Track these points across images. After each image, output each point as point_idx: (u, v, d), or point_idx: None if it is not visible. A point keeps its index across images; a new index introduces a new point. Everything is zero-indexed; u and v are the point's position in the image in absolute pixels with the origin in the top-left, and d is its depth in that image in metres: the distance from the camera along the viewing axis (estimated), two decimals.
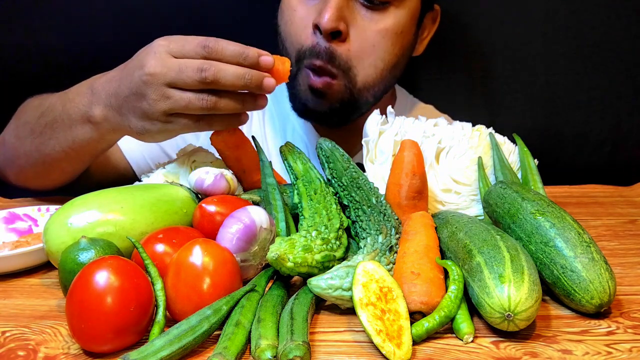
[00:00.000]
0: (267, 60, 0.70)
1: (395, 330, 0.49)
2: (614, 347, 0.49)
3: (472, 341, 0.51)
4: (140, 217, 0.64)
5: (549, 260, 0.56)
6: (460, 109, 1.13)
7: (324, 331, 0.53)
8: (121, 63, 0.75)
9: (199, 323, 0.50)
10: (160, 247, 0.58)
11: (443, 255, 0.60)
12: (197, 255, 0.53)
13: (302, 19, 0.90)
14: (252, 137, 0.77)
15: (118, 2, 1.12)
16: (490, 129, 0.82)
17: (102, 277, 0.49)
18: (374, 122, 0.79)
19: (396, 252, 0.60)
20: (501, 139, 0.81)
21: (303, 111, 0.95)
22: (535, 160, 0.80)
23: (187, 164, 0.81)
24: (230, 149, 0.78)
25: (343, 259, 0.61)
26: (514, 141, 0.83)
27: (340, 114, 0.93)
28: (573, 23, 1.13)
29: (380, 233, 0.61)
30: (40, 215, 0.78)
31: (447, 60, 1.18)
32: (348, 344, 0.51)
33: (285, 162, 0.72)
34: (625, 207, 0.88)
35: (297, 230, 0.65)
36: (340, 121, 0.95)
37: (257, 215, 0.60)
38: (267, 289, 0.58)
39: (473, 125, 0.81)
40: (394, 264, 0.58)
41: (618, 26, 1.13)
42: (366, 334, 0.49)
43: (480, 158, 0.77)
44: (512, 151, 0.81)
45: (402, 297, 0.52)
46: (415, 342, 0.50)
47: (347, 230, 0.66)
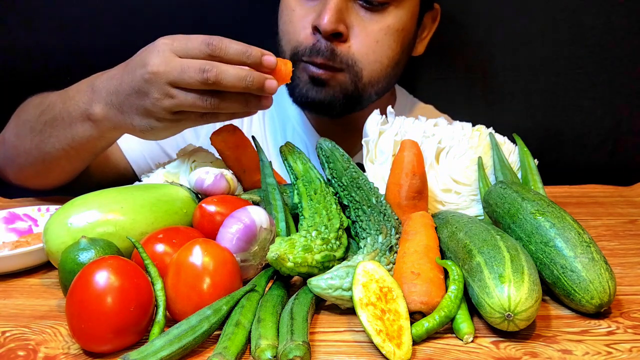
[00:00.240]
0: (270, 60, 0.70)
1: (395, 330, 0.49)
2: (614, 347, 0.49)
3: (472, 341, 0.51)
4: (140, 217, 0.64)
5: (549, 260, 0.56)
6: (460, 109, 1.13)
7: (324, 331, 0.53)
8: (121, 63, 0.75)
9: (199, 323, 0.50)
10: (160, 247, 0.58)
11: (443, 255, 0.60)
12: (197, 255, 0.53)
13: (300, 18, 0.90)
14: (252, 137, 0.77)
15: (118, 2, 1.12)
16: (490, 129, 0.82)
17: (102, 277, 0.49)
18: (374, 122, 0.79)
19: (396, 252, 0.60)
20: (501, 139, 0.81)
21: (302, 101, 0.93)
22: (535, 160, 0.80)
23: (187, 164, 0.81)
24: (230, 149, 0.78)
25: (343, 259, 0.61)
26: (514, 141, 0.83)
27: (342, 105, 0.92)
28: (573, 23, 1.13)
29: (380, 233, 0.61)
30: (40, 215, 0.78)
31: (447, 60, 1.18)
32: (348, 344, 0.51)
33: (285, 162, 0.72)
34: (625, 207, 0.88)
35: (297, 230, 0.65)
36: (341, 112, 0.93)
37: (257, 215, 0.60)
38: (267, 289, 0.58)
39: (473, 125, 0.81)
40: (394, 264, 0.58)
41: (618, 26, 1.13)
42: (366, 334, 0.49)
43: (480, 158, 0.77)
44: (512, 151, 0.81)
45: (402, 297, 0.52)
46: (415, 342, 0.50)
47: (347, 230, 0.66)
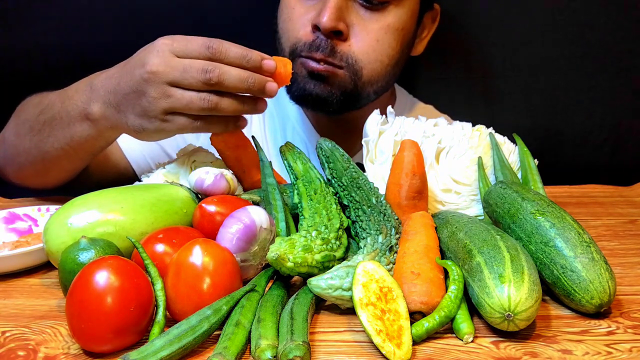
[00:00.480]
0: (270, 64, 0.71)
1: (395, 330, 0.49)
2: (614, 347, 0.49)
3: (472, 341, 0.51)
4: (140, 217, 0.64)
5: (549, 260, 0.56)
6: (460, 109, 1.13)
7: (324, 331, 0.53)
8: (120, 62, 0.75)
9: (199, 323, 0.50)
10: (160, 247, 0.58)
11: (443, 255, 0.60)
12: (197, 255, 0.53)
13: (300, 16, 0.90)
14: (252, 137, 0.77)
15: (118, 2, 1.12)
16: (490, 129, 0.82)
17: (102, 277, 0.49)
18: (374, 122, 0.79)
19: (396, 252, 0.60)
20: (501, 139, 0.81)
21: (300, 96, 0.92)
22: (535, 160, 0.80)
23: (187, 164, 0.81)
24: (230, 149, 0.78)
25: (343, 259, 0.61)
26: (514, 141, 0.83)
27: (340, 103, 0.91)
28: (573, 23, 1.13)
29: (380, 233, 0.61)
30: (40, 215, 0.78)
31: (447, 60, 1.18)
32: (348, 344, 0.51)
33: (285, 162, 0.72)
34: (625, 207, 0.88)
35: (297, 230, 0.65)
36: (338, 109, 0.93)
37: (257, 215, 0.60)
38: (267, 289, 0.58)
39: (473, 125, 0.81)
40: (394, 264, 0.58)
41: (618, 26, 1.13)
42: (366, 334, 0.49)
43: (480, 158, 0.77)
44: (512, 151, 0.81)
45: (402, 297, 0.52)
46: (415, 342, 0.50)
47: (347, 230, 0.66)
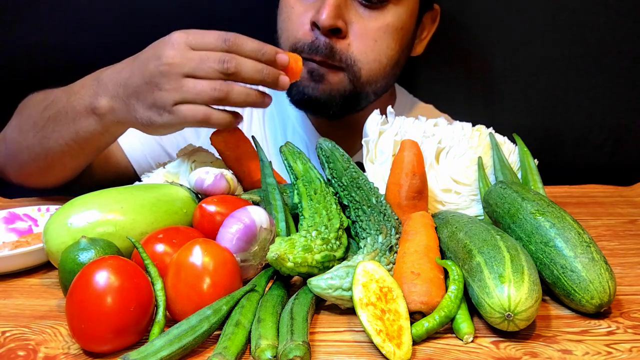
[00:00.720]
0: (284, 58, 0.73)
1: (395, 330, 0.49)
2: (614, 347, 0.49)
3: (472, 341, 0.51)
4: (140, 217, 0.64)
5: (549, 260, 0.56)
6: (460, 109, 1.13)
7: (324, 331, 0.53)
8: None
9: (199, 323, 0.50)
10: (160, 247, 0.58)
11: (443, 255, 0.60)
12: (197, 255, 0.53)
13: (299, 15, 0.90)
14: (252, 137, 0.77)
15: (118, 2, 1.12)
16: (490, 129, 0.82)
17: (102, 277, 0.49)
18: (374, 122, 0.79)
19: (396, 252, 0.60)
20: (501, 139, 0.81)
21: (300, 99, 0.92)
22: (535, 160, 0.80)
23: (187, 164, 0.81)
24: (230, 149, 0.78)
25: (343, 259, 0.61)
26: (514, 141, 0.83)
27: (339, 107, 0.92)
28: (573, 23, 1.13)
29: (380, 233, 0.61)
30: (40, 215, 0.78)
31: (447, 60, 1.18)
32: (348, 344, 0.51)
33: (285, 162, 0.72)
34: (625, 207, 0.88)
35: (297, 230, 0.65)
36: (338, 113, 0.93)
37: (257, 215, 0.60)
38: (267, 289, 0.58)
39: (473, 125, 0.81)
40: (394, 264, 0.58)
41: (618, 26, 1.13)
42: (366, 334, 0.49)
43: (480, 158, 0.77)
44: (512, 151, 0.81)
45: (402, 297, 0.52)
46: (415, 342, 0.50)
47: (347, 230, 0.66)
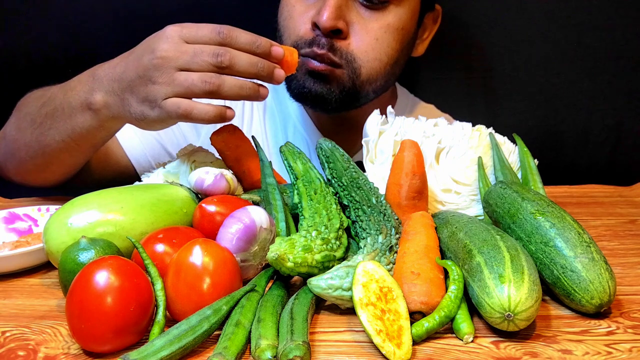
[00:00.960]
0: (278, 50, 0.72)
1: (395, 330, 0.49)
2: (614, 347, 0.49)
3: (472, 341, 0.51)
4: (140, 217, 0.64)
5: (549, 260, 0.56)
6: (460, 109, 1.13)
7: (324, 331, 0.53)
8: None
9: (199, 323, 0.50)
10: (160, 247, 0.58)
11: (443, 255, 0.60)
12: (197, 255, 0.53)
13: (300, 14, 0.90)
14: (252, 137, 0.77)
15: (118, 2, 1.12)
16: (490, 129, 0.82)
17: (102, 277, 0.49)
18: (374, 122, 0.79)
19: (396, 252, 0.60)
20: (501, 139, 0.81)
21: (300, 94, 0.93)
22: (535, 160, 0.80)
23: (187, 164, 0.81)
24: (230, 149, 0.78)
25: (343, 259, 0.61)
26: (514, 141, 0.83)
27: (339, 101, 0.92)
28: (573, 23, 1.13)
29: (380, 233, 0.61)
30: (40, 215, 0.78)
31: (447, 60, 1.18)
32: (348, 344, 0.51)
33: (285, 162, 0.72)
34: (625, 207, 0.88)
35: (297, 230, 0.65)
36: (337, 108, 0.93)
37: (257, 215, 0.60)
38: (267, 289, 0.58)
39: (473, 125, 0.81)
40: (394, 264, 0.58)
41: (618, 26, 1.13)
42: (366, 334, 0.49)
43: (480, 158, 0.77)
44: (512, 151, 0.81)
45: (402, 297, 0.52)
46: (415, 342, 0.50)
47: (347, 230, 0.66)
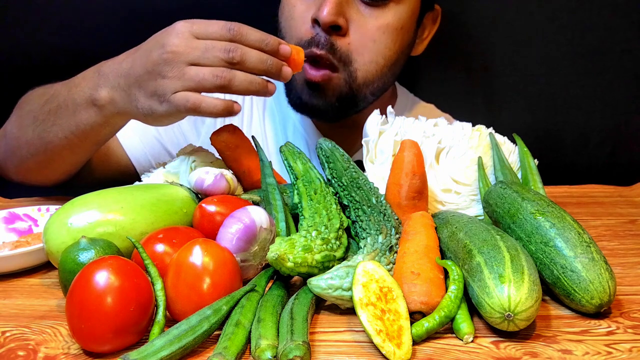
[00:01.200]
0: (286, 49, 0.74)
1: (395, 330, 0.49)
2: (614, 347, 0.49)
3: (472, 341, 0.51)
4: (140, 217, 0.64)
5: (549, 260, 0.56)
6: (460, 109, 1.13)
7: (324, 331, 0.53)
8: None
9: (199, 323, 0.50)
10: (160, 247, 0.58)
11: (443, 255, 0.60)
12: (197, 255, 0.53)
13: (301, 14, 0.90)
14: (252, 137, 0.77)
15: (118, 2, 1.12)
16: (490, 129, 0.82)
17: (102, 277, 0.49)
18: (374, 122, 0.79)
19: (396, 252, 0.60)
20: (501, 139, 0.81)
21: (299, 105, 0.94)
22: (535, 160, 0.80)
23: (187, 164, 0.81)
24: (230, 149, 0.78)
25: (343, 259, 0.61)
26: (514, 141, 0.83)
27: (337, 110, 0.92)
28: (573, 23, 1.13)
29: (380, 233, 0.61)
30: (40, 215, 0.78)
31: (447, 60, 1.18)
32: (348, 344, 0.51)
33: (285, 162, 0.72)
34: (625, 207, 0.88)
35: (297, 230, 0.65)
36: (336, 117, 0.94)
37: (257, 215, 0.60)
38: (267, 289, 0.58)
39: (473, 125, 0.81)
40: (394, 264, 0.58)
41: (618, 26, 1.13)
42: (366, 334, 0.49)
43: (480, 158, 0.77)
44: (512, 151, 0.81)
45: (402, 297, 0.52)
46: (415, 342, 0.50)
47: (347, 230, 0.66)
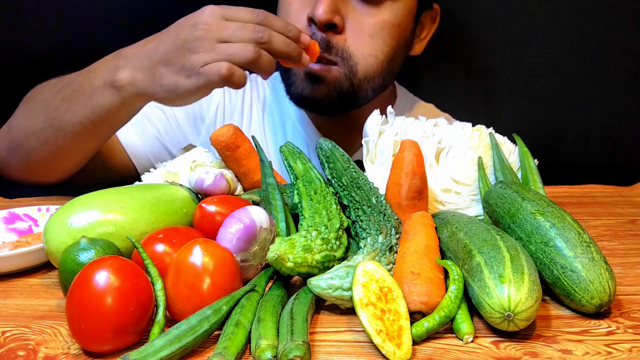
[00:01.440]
0: (306, 37, 0.80)
1: (395, 330, 0.49)
2: (614, 347, 0.49)
3: (472, 341, 0.51)
4: (140, 217, 0.64)
5: (549, 260, 0.56)
6: (460, 109, 1.13)
7: (324, 331, 0.53)
8: None
9: (199, 323, 0.50)
10: (160, 247, 0.58)
11: (443, 255, 0.60)
12: (197, 255, 0.53)
13: (297, 12, 0.91)
14: (252, 137, 0.77)
15: (118, 2, 1.12)
16: (490, 129, 0.82)
17: (102, 277, 0.49)
18: (374, 122, 0.79)
19: (396, 252, 0.60)
20: (501, 139, 0.81)
21: (299, 99, 0.95)
22: (535, 160, 0.80)
23: (187, 164, 0.81)
24: (230, 149, 0.78)
25: (343, 259, 0.61)
26: (514, 141, 0.83)
27: (337, 104, 0.93)
28: (573, 23, 1.13)
29: (380, 233, 0.61)
30: (40, 215, 0.78)
31: (447, 60, 1.18)
32: (348, 344, 0.51)
33: (285, 162, 0.72)
34: (625, 207, 0.88)
35: (297, 230, 0.65)
36: (336, 111, 0.95)
37: (257, 215, 0.60)
38: (267, 289, 0.58)
39: (473, 125, 0.81)
40: (394, 264, 0.58)
41: (618, 26, 1.13)
42: (366, 334, 0.49)
43: (480, 158, 0.77)
44: (512, 151, 0.81)
45: (402, 297, 0.52)
46: (415, 342, 0.50)
47: (347, 230, 0.66)
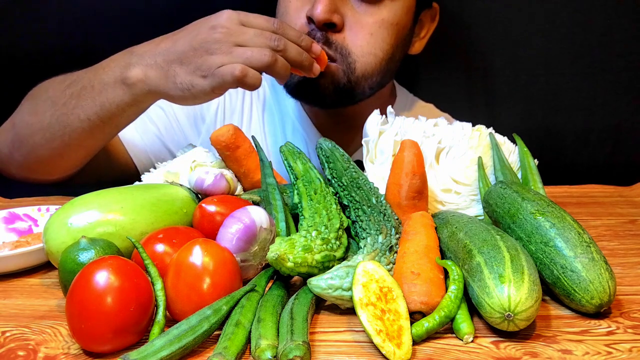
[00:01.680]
0: (317, 47, 0.82)
1: (395, 330, 0.49)
2: (614, 347, 0.49)
3: (472, 341, 0.51)
4: (140, 217, 0.64)
5: (549, 260, 0.56)
6: (460, 109, 1.13)
7: (324, 331, 0.53)
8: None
9: (199, 323, 0.50)
10: (160, 247, 0.58)
11: (443, 255, 0.60)
12: (197, 255, 0.53)
13: (296, 10, 0.91)
14: (252, 137, 0.77)
15: (118, 2, 1.12)
16: (490, 129, 0.82)
17: (102, 277, 0.49)
18: (374, 122, 0.79)
19: (396, 252, 0.60)
20: (501, 139, 0.81)
21: (294, 89, 0.95)
22: (535, 160, 0.80)
23: (187, 164, 0.81)
24: (230, 149, 0.78)
25: (343, 259, 0.61)
26: (514, 141, 0.83)
27: (333, 97, 0.92)
28: (573, 23, 1.13)
29: (380, 233, 0.61)
30: (40, 215, 0.78)
31: (447, 60, 1.18)
32: (348, 344, 0.51)
33: (285, 162, 0.72)
34: (625, 207, 0.88)
35: (297, 230, 0.65)
36: (331, 104, 0.95)
37: (257, 215, 0.60)
38: (267, 289, 0.58)
39: (473, 125, 0.81)
40: (394, 264, 0.58)
41: (618, 26, 1.13)
42: (366, 334, 0.49)
43: (480, 158, 0.77)
44: (512, 151, 0.81)
45: (402, 297, 0.52)
46: (415, 342, 0.50)
47: (347, 230, 0.66)
